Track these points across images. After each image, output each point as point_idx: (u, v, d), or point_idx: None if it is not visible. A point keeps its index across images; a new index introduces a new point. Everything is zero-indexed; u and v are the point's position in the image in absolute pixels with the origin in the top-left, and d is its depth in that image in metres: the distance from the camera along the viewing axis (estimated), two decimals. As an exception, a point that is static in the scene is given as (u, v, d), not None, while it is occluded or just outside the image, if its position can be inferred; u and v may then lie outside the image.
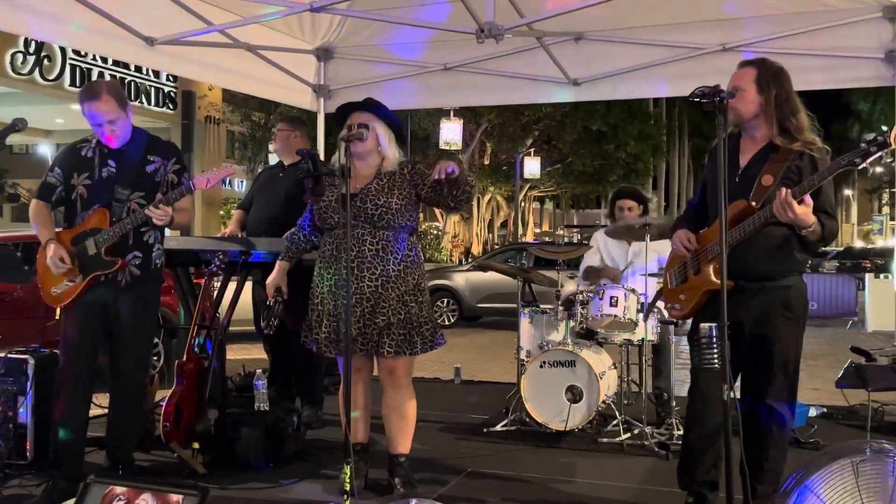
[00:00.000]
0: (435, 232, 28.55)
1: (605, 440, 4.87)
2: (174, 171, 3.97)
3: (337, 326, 3.77)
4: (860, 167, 2.92)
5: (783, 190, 3.00)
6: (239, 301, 4.88)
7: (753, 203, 3.17)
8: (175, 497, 2.34)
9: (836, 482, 2.41)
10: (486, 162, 26.43)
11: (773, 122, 3.23)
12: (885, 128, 2.83)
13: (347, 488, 3.35)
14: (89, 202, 3.86)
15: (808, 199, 3.01)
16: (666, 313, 5.00)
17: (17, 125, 3.46)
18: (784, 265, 3.26)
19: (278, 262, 4.06)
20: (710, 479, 3.41)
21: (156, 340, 6.90)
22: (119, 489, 2.39)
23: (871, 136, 2.87)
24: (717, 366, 2.83)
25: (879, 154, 2.83)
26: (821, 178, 3.02)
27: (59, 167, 3.94)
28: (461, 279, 13.88)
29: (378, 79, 6.67)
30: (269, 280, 4.03)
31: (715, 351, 2.83)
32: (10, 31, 4.87)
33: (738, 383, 3.26)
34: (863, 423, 5.23)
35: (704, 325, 2.86)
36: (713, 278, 3.23)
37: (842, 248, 32.35)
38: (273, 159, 16.51)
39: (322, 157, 5.30)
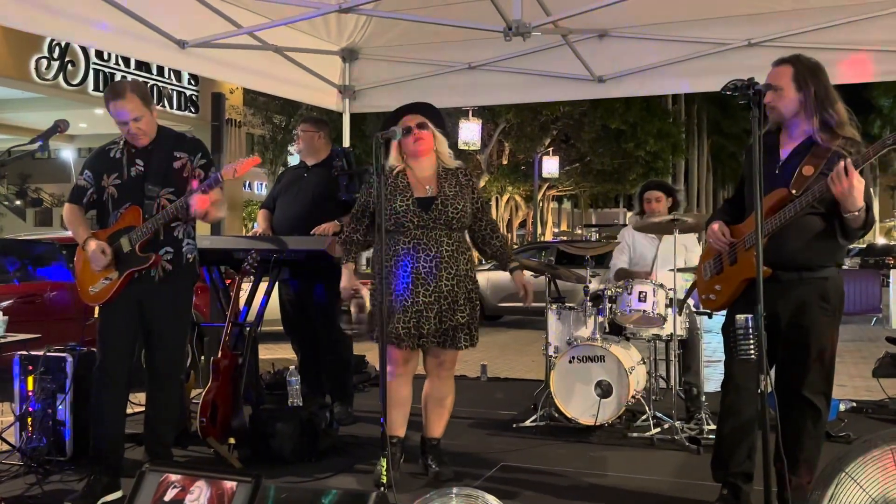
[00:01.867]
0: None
1: (634, 435, 4.89)
2: (201, 166, 4.03)
3: (418, 322, 3.92)
4: None
5: (843, 162, 2.98)
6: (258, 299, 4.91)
7: (794, 191, 3.18)
8: (229, 484, 2.39)
9: (874, 469, 2.42)
10: (505, 162, 26.41)
11: (815, 117, 3.23)
12: None
13: (384, 480, 3.39)
14: (120, 202, 3.93)
15: (860, 177, 3.00)
16: (695, 307, 5.03)
17: (60, 126, 3.52)
18: (822, 256, 3.26)
19: (344, 267, 4.12)
20: (744, 471, 3.43)
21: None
22: (174, 476, 2.44)
23: None
24: (753, 356, 2.84)
25: None
26: (869, 154, 3.02)
27: (88, 170, 4.01)
28: (482, 278, 13.62)
29: (403, 78, 6.73)
30: (343, 285, 4.09)
31: (751, 341, 2.84)
32: (45, 33, 5.00)
33: (772, 375, 3.28)
34: (893, 417, 5.22)
35: (740, 316, 2.88)
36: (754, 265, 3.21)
37: (864, 245, 32.12)
38: (293, 161, 16.61)
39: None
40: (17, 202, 28.17)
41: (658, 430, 4.84)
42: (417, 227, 3.97)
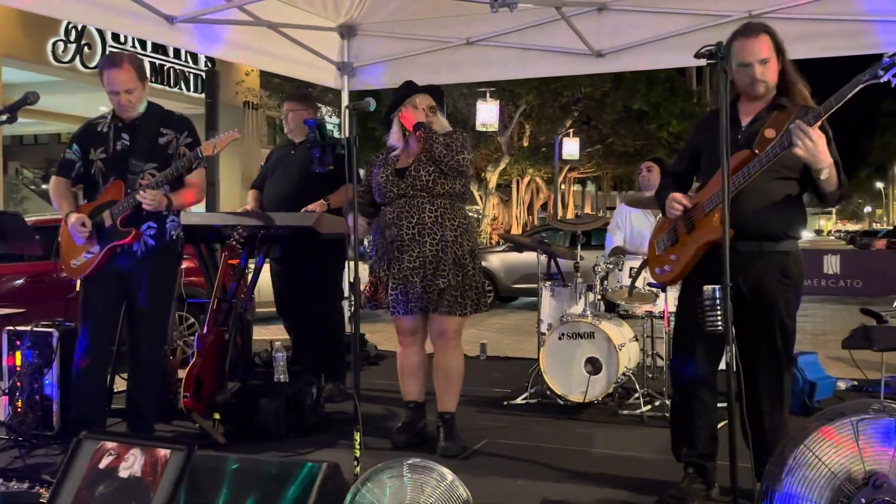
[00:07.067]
0: (475, 215, 28.47)
1: (625, 412, 4.83)
2: (186, 145, 4.03)
3: (405, 287, 4.05)
4: (883, 80, 2.72)
5: (797, 123, 2.88)
6: (259, 281, 4.86)
7: (757, 151, 3.07)
8: (163, 452, 2.39)
9: (835, 441, 2.35)
10: (525, 143, 26.23)
11: (785, 85, 3.18)
12: None
13: (357, 454, 3.38)
14: (108, 176, 3.95)
15: (819, 132, 2.88)
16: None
17: (30, 98, 3.50)
18: (782, 224, 3.16)
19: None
20: (710, 452, 3.37)
21: (188, 315, 7.01)
22: (109, 444, 2.45)
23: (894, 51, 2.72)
24: (720, 328, 2.78)
25: None
26: (840, 96, 2.82)
27: (76, 143, 4.03)
28: (496, 260, 13.70)
29: (401, 55, 6.68)
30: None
31: (718, 313, 2.78)
32: (33, 10, 4.95)
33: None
34: (892, 395, 5.12)
35: (707, 287, 2.81)
36: (715, 227, 3.03)
37: (891, 227, 31.65)
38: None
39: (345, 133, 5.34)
40: (44, 185, 28.54)
41: (649, 407, 4.78)
42: (398, 196, 4.09)
